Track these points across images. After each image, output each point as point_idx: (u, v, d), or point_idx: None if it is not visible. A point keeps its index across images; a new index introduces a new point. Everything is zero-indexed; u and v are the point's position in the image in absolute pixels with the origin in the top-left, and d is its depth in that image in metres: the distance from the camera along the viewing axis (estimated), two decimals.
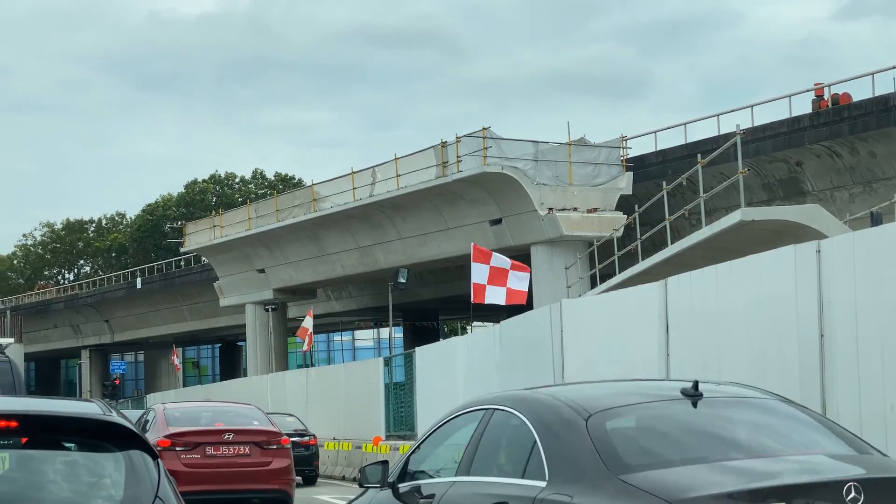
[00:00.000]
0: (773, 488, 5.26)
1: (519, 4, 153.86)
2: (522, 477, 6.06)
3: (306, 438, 27.00)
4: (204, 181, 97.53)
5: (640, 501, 5.30)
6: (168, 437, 16.14)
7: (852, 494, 5.21)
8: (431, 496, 6.69)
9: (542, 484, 5.82)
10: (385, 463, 7.40)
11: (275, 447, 16.60)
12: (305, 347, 43.69)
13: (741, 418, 6.22)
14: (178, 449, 16.05)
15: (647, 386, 7.13)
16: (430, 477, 7.03)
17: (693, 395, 6.14)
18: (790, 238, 16.30)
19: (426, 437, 7.30)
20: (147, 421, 17.36)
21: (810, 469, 5.61)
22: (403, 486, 7.10)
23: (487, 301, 23.89)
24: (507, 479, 6.21)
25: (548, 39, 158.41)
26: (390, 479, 7.25)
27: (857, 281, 9.63)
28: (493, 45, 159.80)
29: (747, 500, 5.19)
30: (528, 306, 25.01)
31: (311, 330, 42.69)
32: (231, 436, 16.37)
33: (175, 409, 18.05)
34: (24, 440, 4.83)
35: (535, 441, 6.05)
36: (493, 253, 25.00)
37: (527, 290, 24.38)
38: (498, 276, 23.97)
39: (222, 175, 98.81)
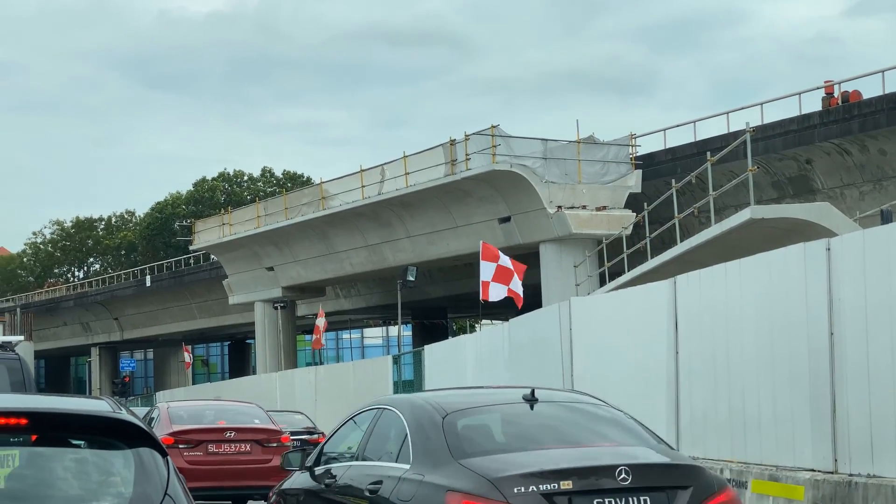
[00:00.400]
0: (563, 469, 6.98)
1: (528, 3, 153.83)
2: (396, 461, 7.85)
3: (315, 436, 27.04)
4: (213, 179, 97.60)
5: (468, 479, 7.08)
6: (171, 434, 16.46)
7: (622, 475, 6.92)
8: (335, 476, 8.56)
9: (407, 467, 7.60)
10: (304, 450, 9.57)
11: (275, 445, 16.88)
12: (319, 340, 43.77)
13: (563, 418, 8.03)
14: (181, 446, 16.37)
15: (498, 392, 9.22)
16: (337, 461, 8.85)
17: (530, 399, 7.93)
18: (800, 236, 16.28)
19: (337, 430, 9.25)
20: (152, 419, 17.69)
21: (598, 456, 7.31)
22: (318, 469, 8.96)
23: (491, 298, 23.92)
24: (386, 463, 8.00)
25: (557, 37, 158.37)
26: (308, 464, 9.15)
27: (867, 279, 9.61)
28: (501, 43, 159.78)
29: (543, 478, 6.91)
30: (536, 305, 25.00)
31: (321, 326, 42.84)
32: (232, 434, 16.71)
33: (178, 407, 18.45)
34: (33, 437, 4.83)
35: (407, 434, 7.86)
36: (500, 253, 25.01)
37: (520, 293, 24.41)
38: (503, 275, 24.00)
39: (231, 173, 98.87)
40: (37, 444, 4.84)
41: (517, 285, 24.15)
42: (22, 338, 17.07)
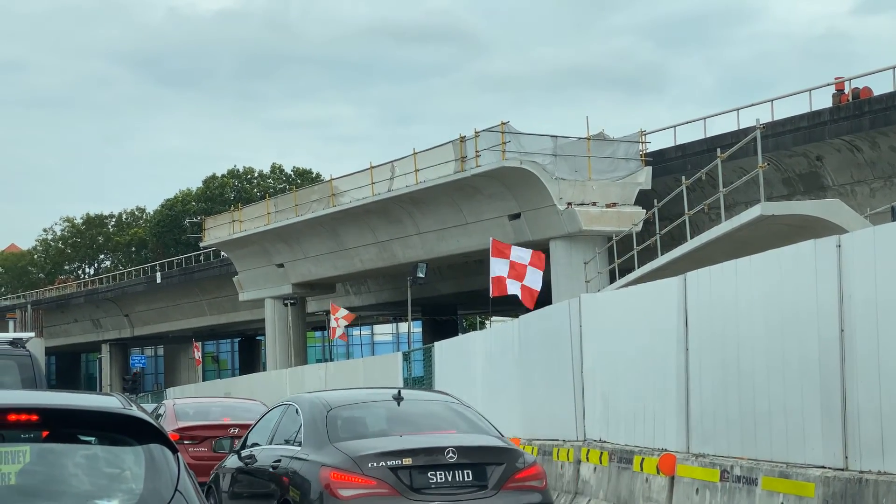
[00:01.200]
0: (405, 450, 9.48)
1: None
2: (292, 445, 10.38)
3: None
4: (223, 176, 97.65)
5: (338, 457, 9.56)
6: (176, 430, 16.81)
7: (450, 454, 9.45)
8: (253, 457, 11.15)
9: (299, 449, 10.15)
10: (232, 438, 12.48)
11: None
12: (340, 333, 43.82)
13: (420, 412, 10.49)
14: (186, 442, 16.72)
15: (375, 391, 11.86)
16: (256, 446, 11.37)
17: (397, 397, 10.48)
18: (810, 233, 16.24)
19: (259, 420, 11.95)
20: (159, 415, 18.01)
21: (435, 440, 9.71)
22: (244, 452, 11.49)
23: (510, 292, 23.87)
24: (286, 447, 10.53)
25: (567, 34, 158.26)
26: (237, 448, 11.81)
27: (878, 276, 9.58)
28: (511, 40, 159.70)
29: (390, 457, 9.42)
30: (546, 301, 24.98)
31: (335, 324, 42.87)
32: (236, 430, 17.01)
33: (184, 404, 18.91)
34: (44, 434, 4.85)
35: (301, 424, 10.37)
36: (512, 246, 24.94)
37: (538, 289, 24.32)
38: (517, 271, 23.95)
39: (241, 170, 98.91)
40: (48, 440, 4.85)
41: (536, 281, 24.04)
42: (32, 334, 17.12)
